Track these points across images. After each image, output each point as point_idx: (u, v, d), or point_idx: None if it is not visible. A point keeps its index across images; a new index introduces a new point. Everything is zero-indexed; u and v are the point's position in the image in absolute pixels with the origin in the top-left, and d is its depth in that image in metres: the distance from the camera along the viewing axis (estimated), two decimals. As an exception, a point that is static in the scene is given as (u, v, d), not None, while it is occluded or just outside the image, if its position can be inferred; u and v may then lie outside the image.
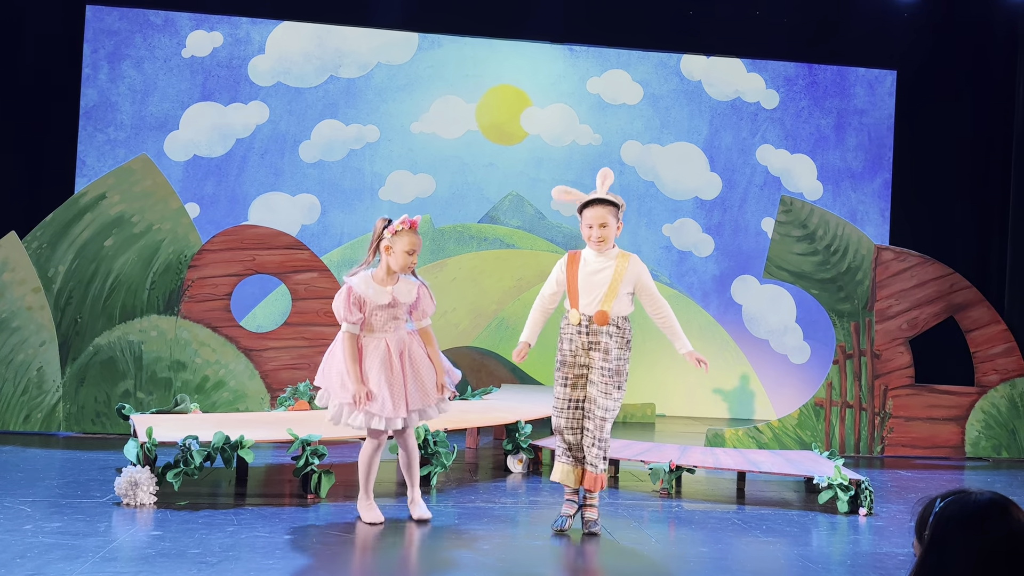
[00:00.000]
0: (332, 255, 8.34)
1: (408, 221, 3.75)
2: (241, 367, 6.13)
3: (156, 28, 8.26)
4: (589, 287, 3.80)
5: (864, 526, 4.27)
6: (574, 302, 3.83)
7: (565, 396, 3.83)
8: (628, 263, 3.84)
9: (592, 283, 3.80)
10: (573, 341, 3.82)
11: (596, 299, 3.79)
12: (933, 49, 8.64)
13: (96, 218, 6.02)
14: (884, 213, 8.96)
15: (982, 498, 1.51)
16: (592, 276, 3.81)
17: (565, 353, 3.83)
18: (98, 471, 4.73)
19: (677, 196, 8.90)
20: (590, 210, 3.83)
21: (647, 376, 8.67)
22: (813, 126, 8.99)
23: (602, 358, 3.78)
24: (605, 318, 3.77)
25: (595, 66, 8.81)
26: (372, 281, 3.74)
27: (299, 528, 3.73)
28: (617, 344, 3.80)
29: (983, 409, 6.65)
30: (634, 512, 4.32)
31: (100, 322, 6.00)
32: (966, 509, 1.50)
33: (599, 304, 3.78)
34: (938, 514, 1.51)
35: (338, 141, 8.52)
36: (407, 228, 3.74)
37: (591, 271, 3.82)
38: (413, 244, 3.74)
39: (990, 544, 1.47)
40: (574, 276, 3.84)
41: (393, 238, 3.73)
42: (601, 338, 3.78)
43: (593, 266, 3.83)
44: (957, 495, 1.53)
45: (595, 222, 3.81)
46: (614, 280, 3.79)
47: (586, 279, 3.81)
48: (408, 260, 3.75)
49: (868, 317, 6.59)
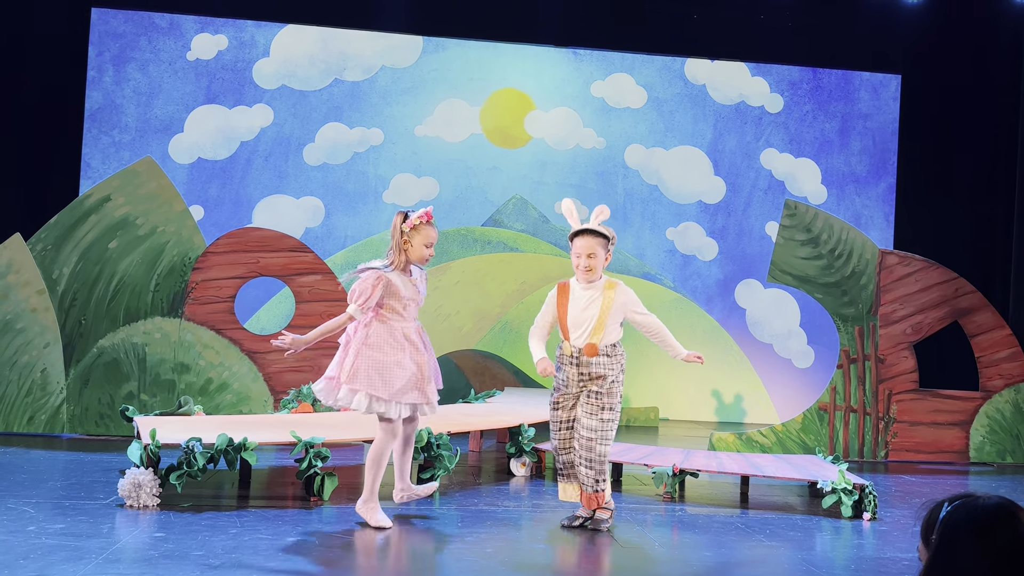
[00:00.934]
0: (336, 258, 8.35)
1: (426, 215, 3.79)
2: (245, 369, 6.13)
3: (161, 31, 8.28)
4: (578, 322, 3.90)
5: (868, 531, 4.26)
6: (565, 335, 3.95)
7: (556, 419, 3.97)
8: (615, 295, 3.91)
9: (581, 318, 3.89)
10: (566, 371, 3.93)
11: (585, 333, 3.88)
12: (938, 53, 8.63)
13: (101, 220, 6.03)
14: (888, 217, 8.95)
15: (990, 502, 1.50)
16: (581, 312, 3.90)
17: (559, 380, 3.95)
18: (102, 473, 4.74)
19: (681, 200, 8.89)
20: (580, 239, 3.92)
21: (650, 380, 8.66)
22: (817, 130, 8.99)
23: (595, 384, 3.89)
24: (595, 350, 3.87)
25: (599, 70, 8.81)
26: (398, 273, 3.79)
27: (302, 530, 3.73)
28: (610, 370, 3.90)
29: (988, 414, 6.63)
30: (637, 516, 4.31)
31: (104, 324, 6.01)
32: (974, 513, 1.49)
33: (588, 337, 3.87)
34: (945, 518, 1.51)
35: (342, 144, 8.53)
36: (424, 222, 3.77)
37: (580, 306, 3.91)
38: (430, 237, 3.80)
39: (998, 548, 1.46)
40: (564, 310, 3.94)
41: (411, 232, 3.78)
42: (592, 368, 3.89)
43: (581, 300, 3.91)
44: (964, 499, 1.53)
45: (583, 252, 3.89)
46: (602, 314, 3.87)
47: (575, 314, 3.90)
48: (426, 253, 3.81)
49: (872, 321, 6.58)
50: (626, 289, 3.96)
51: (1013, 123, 8.15)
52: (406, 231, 3.77)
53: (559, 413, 3.94)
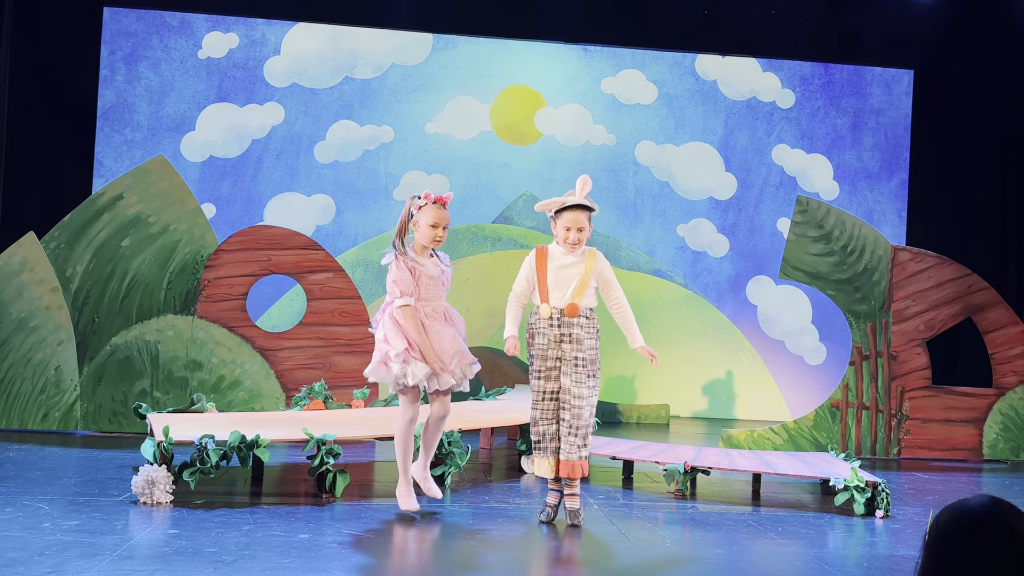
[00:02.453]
0: (347, 255, 8.37)
1: (432, 196, 3.80)
2: (257, 367, 6.16)
3: (173, 30, 8.31)
4: (559, 281, 3.96)
5: (881, 528, 4.24)
6: (544, 297, 3.98)
7: (540, 388, 3.99)
8: (595, 260, 4.02)
9: (562, 277, 3.96)
10: (545, 335, 3.96)
11: (567, 293, 3.94)
12: (950, 48, 8.57)
13: (113, 218, 6.07)
14: (901, 213, 8.90)
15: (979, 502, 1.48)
16: (562, 271, 3.97)
17: (537, 347, 3.98)
18: (115, 470, 4.77)
19: (692, 196, 8.87)
20: (570, 213, 3.98)
21: (661, 377, 8.65)
22: (829, 126, 8.94)
23: (575, 349, 3.93)
24: (576, 310, 3.93)
25: (609, 66, 8.79)
26: (416, 254, 3.81)
27: (314, 527, 3.74)
28: (588, 334, 3.96)
29: (1001, 411, 6.59)
30: (648, 513, 4.31)
31: (117, 322, 6.05)
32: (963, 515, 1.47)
33: (570, 297, 3.93)
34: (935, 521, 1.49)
35: (353, 142, 8.55)
36: (431, 203, 3.78)
37: (560, 266, 3.98)
38: (437, 218, 3.80)
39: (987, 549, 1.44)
40: (544, 272, 4.00)
41: (418, 213, 3.81)
42: (573, 330, 3.93)
43: (562, 262, 3.99)
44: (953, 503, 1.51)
45: (573, 225, 3.97)
46: (585, 275, 3.96)
47: (556, 274, 3.97)
48: (433, 233, 3.80)
49: (885, 318, 6.55)
50: (604, 258, 4.08)
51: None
52: (414, 212, 3.80)
53: (542, 383, 3.97)
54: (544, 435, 3.99)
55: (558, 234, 4.01)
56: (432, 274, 3.80)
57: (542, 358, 3.95)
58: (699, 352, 8.71)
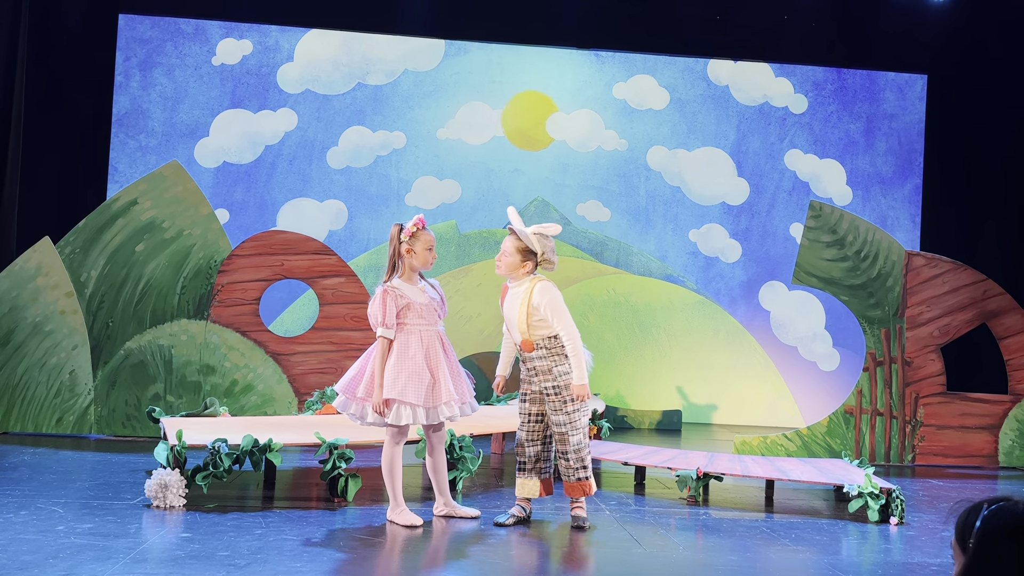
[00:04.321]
0: (359, 260, 8.39)
1: (423, 221, 3.88)
2: (269, 371, 6.18)
3: (187, 36, 8.37)
4: (510, 318, 3.98)
5: (895, 535, 4.21)
6: (510, 332, 4.03)
7: (525, 411, 4.04)
8: (531, 295, 3.90)
9: (510, 316, 3.97)
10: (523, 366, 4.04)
11: (514, 327, 3.97)
12: (964, 52, 8.52)
13: (128, 224, 6.11)
14: (915, 218, 8.84)
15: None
16: (510, 307, 3.98)
17: (523, 372, 4.05)
18: (128, 473, 4.79)
19: (704, 201, 8.85)
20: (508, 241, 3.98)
21: (673, 383, 8.62)
22: (842, 131, 8.90)
23: (542, 380, 3.95)
24: (530, 345, 3.93)
25: (621, 71, 8.79)
26: (403, 283, 3.83)
27: (326, 531, 3.75)
28: (554, 362, 3.94)
29: (1017, 418, 6.53)
30: (661, 519, 4.29)
31: (131, 326, 6.08)
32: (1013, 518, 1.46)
33: (521, 334, 3.94)
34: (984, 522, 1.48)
35: (365, 147, 8.57)
36: (421, 227, 3.85)
37: (509, 302, 4.00)
38: (430, 241, 3.88)
39: None
40: (502, 307, 4.04)
41: (411, 240, 3.84)
42: (535, 363, 3.95)
43: (510, 296, 4.00)
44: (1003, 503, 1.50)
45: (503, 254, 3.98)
46: (520, 309, 3.91)
47: (506, 310, 4.00)
48: (429, 257, 3.86)
49: (899, 324, 6.50)
50: (545, 289, 3.89)
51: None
52: (405, 239, 3.84)
53: (527, 406, 4.03)
54: (529, 456, 4.04)
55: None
56: (423, 301, 3.83)
57: (527, 382, 4.02)
58: (711, 357, 8.68)
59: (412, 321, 3.80)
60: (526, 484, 4.05)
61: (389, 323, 3.76)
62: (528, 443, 4.04)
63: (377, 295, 3.81)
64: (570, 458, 3.96)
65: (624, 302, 8.68)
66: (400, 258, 3.85)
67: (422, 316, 3.82)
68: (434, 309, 3.86)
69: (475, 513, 4.09)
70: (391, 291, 3.79)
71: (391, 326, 3.77)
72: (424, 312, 3.82)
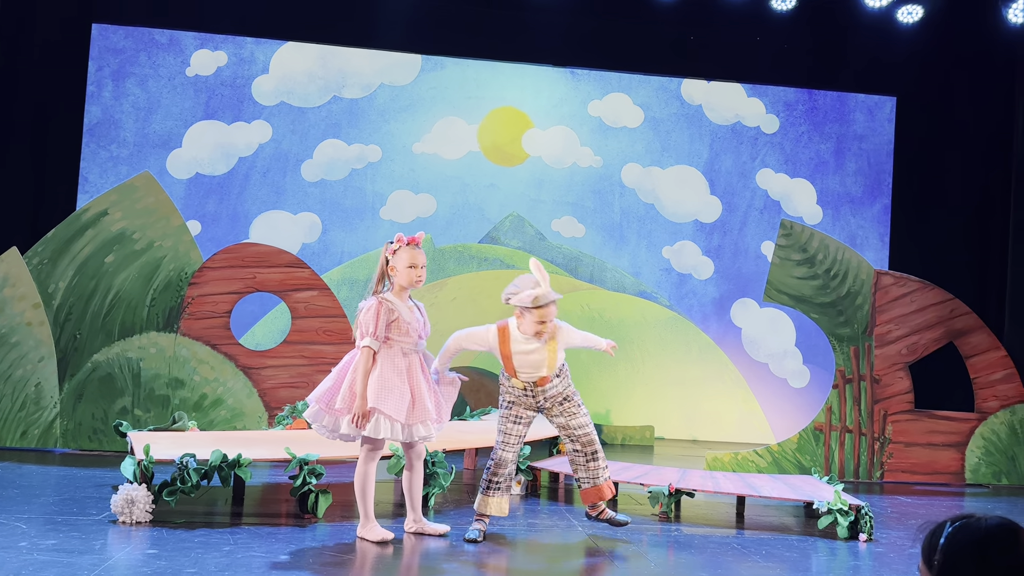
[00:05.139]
0: (332, 273, 8.35)
1: (404, 239, 3.83)
2: (239, 385, 6.11)
3: (161, 47, 8.32)
4: (526, 365, 3.99)
5: (864, 552, 4.25)
6: (512, 374, 4.03)
7: (515, 432, 4.04)
8: (557, 340, 3.99)
9: (529, 362, 3.99)
10: (520, 398, 4.03)
11: (537, 372, 3.99)
12: (932, 75, 8.70)
13: (97, 234, 6.03)
14: (884, 238, 8.98)
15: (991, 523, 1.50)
16: (528, 356, 3.98)
17: (516, 395, 4.02)
18: (94, 488, 4.71)
19: (677, 219, 8.93)
20: (553, 308, 3.94)
21: (645, 399, 8.65)
22: (813, 151, 9.04)
23: (554, 399, 4.03)
24: (547, 380, 4.01)
25: (596, 89, 8.87)
26: (396, 299, 3.81)
27: (295, 548, 3.70)
28: (561, 380, 4.05)
29: (983, 435, 6.63)
30: (633, 535, 4.29)
31: (99, 338, 5.99)
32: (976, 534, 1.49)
33: (541, 374, 3.99)
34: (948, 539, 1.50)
35: (340, 160, 8.55)
36: (404, 245, 3.81)
37: (524, 351, 3.98)
38: (412, 258, 3.81)
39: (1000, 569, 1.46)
40: (509, 354, 4.01)
41: (393, 257, 3.81)
42: (549, 392, 4.02)
43: (525, 347, 3.98)
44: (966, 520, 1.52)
45: (548, 319, 3.94)
46: (550, 358, 3.99)
47: (521, 359, 3.99)
48: (412, 274, 3.81)
49: (868, 342, 6.59)
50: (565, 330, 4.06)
51: (1008, 144, 8.20)
52: (389, 257, 3.81)
53: (519, 427, 4.04)
54: (508, 475, 4.06)
55: (528, 325, 3.93)
56: (410, 319, 3.81)
57: (523, 406, 4.02)
58: (684, 374, 8.73)
59: (397, 337, 3.78)
60: (501, 502, 4.07)
61: (378, 335, 3.73)
62: (511, 463, 4.05)
63: (371, 306, 3.76)
64: (597, 457, 4.06)
65: (598, 317, 8.71)
66: (388, 274, 3.83)
67: (407, 334, 3.79)
68: (417, 331, 3.84)
69: (444, 529, 4.06)
70: (384, 304, 3.76)
71: (379, 338, 3.74)
72: (409, 331, 3.80)
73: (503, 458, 4.03)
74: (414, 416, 3.76)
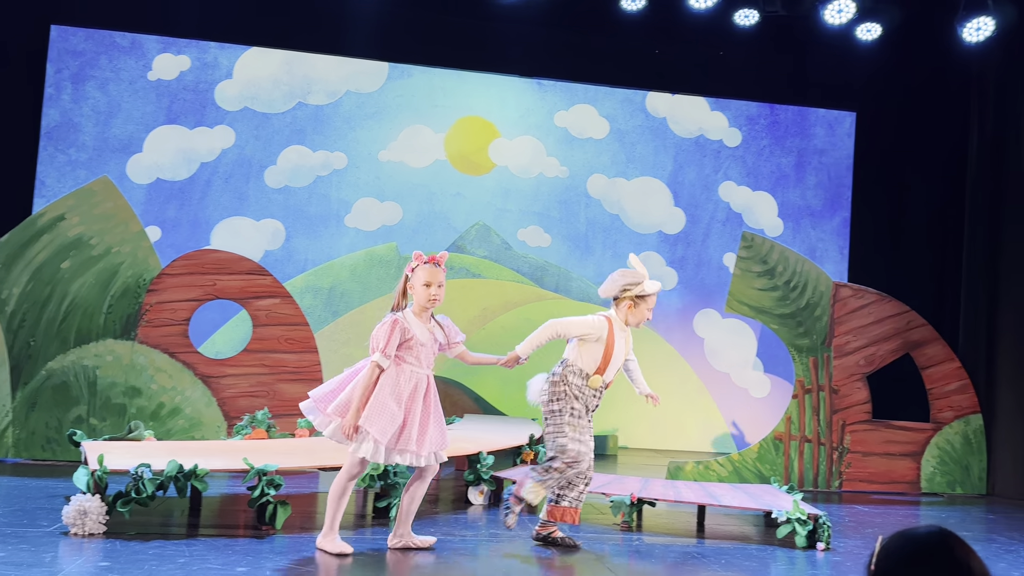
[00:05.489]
0: (295, 281, 8.27)
1: (423, 256, 3.83)
2: (198, 394, 6.02)
3: (122, 50, 8.20)
4: (618, 361, 4.09)
5: (822, 561, 4.30)
6: (603, 369, 4.05)
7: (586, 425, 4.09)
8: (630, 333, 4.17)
9: (619, 357, 4.09)
10: (587, 400, 4.07)
11: (615, 371, 4.12)
12: (891, 92, 8.89)
13: (54, 240, 5.91)
14: (843, 251, 9.14)
15: (924, 532, 1.52)
16: (621, 350, 4.09)
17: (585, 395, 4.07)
18: (46, 499, 4.60)
19: (642, 229, 9.00)
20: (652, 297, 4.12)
21: (609, 408, 8.68)
22: (774, 164, 9.18)
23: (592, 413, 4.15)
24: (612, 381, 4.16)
25: (563, 100, 8.92)
26: (414, 318, 3.78)
27: (253, 560, 3.65)
28: None
29: (938, 445, 6.76)
30: (595, 545, 4.30)
31: (54, 346, 5.87)
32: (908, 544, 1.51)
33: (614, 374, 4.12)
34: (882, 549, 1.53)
35: (305, 167, 8.49)
36: (422, 263, 3.80)
37: (621, 345, 4.08)
38: (429, 277, 3.78)
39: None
40: (611, 347, 4.04)
41: (412, 275, 3.81)
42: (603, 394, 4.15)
43: (621, 340, 4.08)
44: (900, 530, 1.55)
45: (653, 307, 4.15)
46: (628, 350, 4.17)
47: (618, 351, 4.07)
48: (427, 293, 3.77)
49: (826, 352, 6.69)
50: None
51: (963, 159, 8.39)
52: (409, 275, 3.81)
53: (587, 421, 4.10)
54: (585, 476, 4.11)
55: (639, 315, 4.06)
56: (423, 341, 3.76)
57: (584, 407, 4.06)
58: (647, 383, 8.76)
59: (407, 359, 3.74)
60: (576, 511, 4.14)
61: (388, 352, 3.69)
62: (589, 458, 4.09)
63: (386, 322, 3.74)
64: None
65: (562, 327, 8.73)
66: (407, 292, 3.81)
67: (418, 357, 3.75)
68: (433, 352, 3.82)
69: (431, 541, 3.97)
70: (401, 322, 3.73)
71: (389, 356, 3.70)
72: (422, 353, 3.76)
73: (580, 451, 4.00)
74: (399, 442, 3.71)
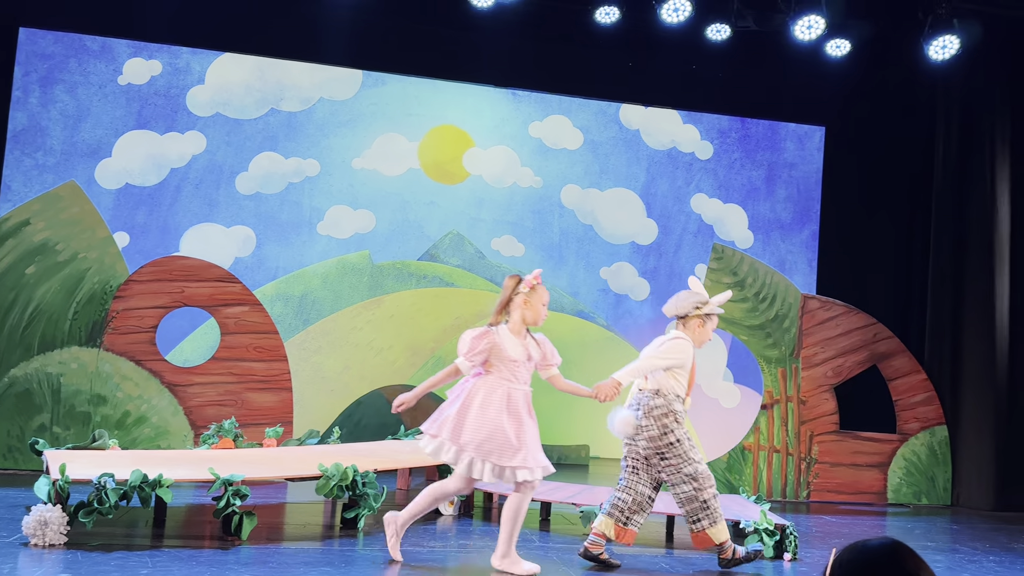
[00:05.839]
0: (266, 289, 8.20)
1: (540, 278, 3.94)
2: (164, 403, 5.94)
3: (92, 54, 8.10)
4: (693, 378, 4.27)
5: (788, 571, 4.32)
6: (689, 390, 4.27)
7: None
8: None
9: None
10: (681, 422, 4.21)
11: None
12: (860, 107, 9.02)
13: (18, 244, 5.82)
14: (812, 263, 9.24)
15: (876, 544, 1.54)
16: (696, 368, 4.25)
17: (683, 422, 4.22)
18: (6, 509, 4.50)
19: (615, 240, 9.04)
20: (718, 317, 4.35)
21: (581, 418, 8.69)
22: (745, 177, 9.27)
23: None
24: None
25: (537, 111, 8.95)
26: (510, 334, 3.82)
27: (217, 571, 3.60)
28: None
29: (904, 456, 6.85)
30: (565, 556, 4.29)
31: (17, 352, 5.76)
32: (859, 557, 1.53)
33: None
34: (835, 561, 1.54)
35: (277, 174, 8.43)
36: (539, 283, 3.92)
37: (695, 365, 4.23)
38: (545, 297, 3.94)
39: None
40: (694, 367, 4.31)
41: (531, 293, 3.88)
42: None
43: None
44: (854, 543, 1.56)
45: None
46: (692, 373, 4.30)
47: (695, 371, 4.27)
48: (544, 312, 3.91)
49: (795, 364, 6.76)
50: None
51: (929, 174, 8.54)
52: (524, 291, 3.87)
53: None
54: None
55: (706, 333, 4.31)
56: (515, 357, 3.80)
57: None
58: (620, 393, 8.80)
59: (501, 374, 3.77)
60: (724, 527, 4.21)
61: (471, 358, 3.78)
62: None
63: (477, 331, 3.82)
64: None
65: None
66: (509, 308, 3.84)
67: (513, 372, 3.79)
68: (528, 369, 3.85)
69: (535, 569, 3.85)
70: (491, 334, 3.81)
71: (471, 361, 3.78)
72: (516, 369, 3.80)
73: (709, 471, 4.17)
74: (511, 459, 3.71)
